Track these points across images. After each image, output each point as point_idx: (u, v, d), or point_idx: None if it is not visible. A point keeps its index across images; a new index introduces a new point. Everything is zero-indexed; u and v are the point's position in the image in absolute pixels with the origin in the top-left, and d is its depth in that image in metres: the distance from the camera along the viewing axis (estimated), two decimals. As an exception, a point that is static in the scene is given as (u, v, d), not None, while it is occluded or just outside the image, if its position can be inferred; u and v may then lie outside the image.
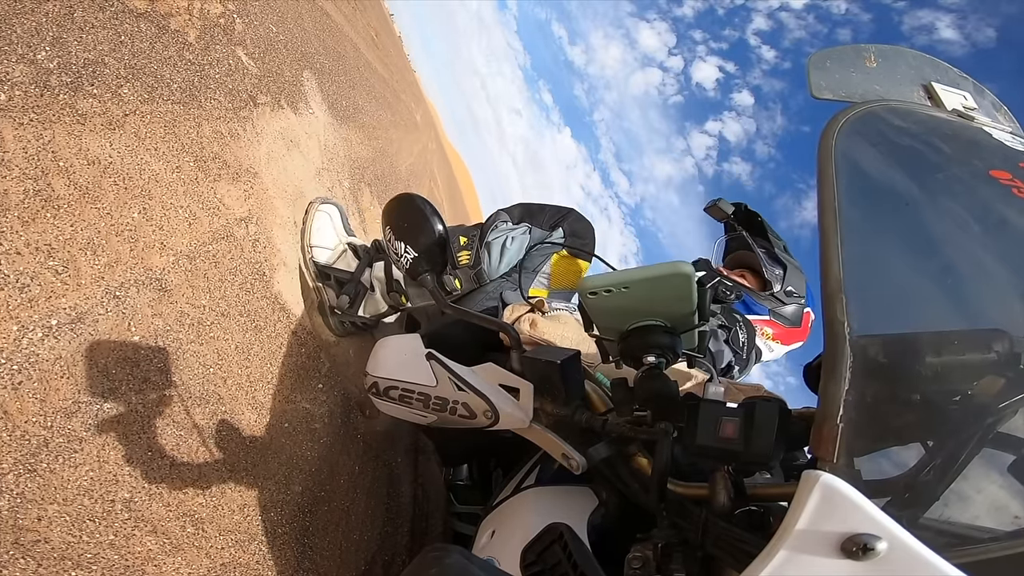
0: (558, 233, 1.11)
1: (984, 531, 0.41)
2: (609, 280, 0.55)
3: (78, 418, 0.65)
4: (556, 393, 0.63)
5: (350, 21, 1.88)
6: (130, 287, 0.75)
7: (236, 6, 1.03)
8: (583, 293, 0.57)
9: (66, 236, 0.68)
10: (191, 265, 0.86)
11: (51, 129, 0.69)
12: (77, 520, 0.63)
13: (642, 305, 0.57)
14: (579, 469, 0.62)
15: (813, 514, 0.35)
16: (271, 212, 1.07)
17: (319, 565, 0.97)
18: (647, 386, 0.57)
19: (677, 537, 0.49)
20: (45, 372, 0.62)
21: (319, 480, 1.05)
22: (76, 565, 0.62)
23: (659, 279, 0.54)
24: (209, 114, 0.94)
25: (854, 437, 0.37)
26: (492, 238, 1.10)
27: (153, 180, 0.82)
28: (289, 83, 1.18)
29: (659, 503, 0.52)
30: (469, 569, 0.45)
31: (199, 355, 0.84)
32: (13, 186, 0.64)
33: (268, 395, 0.98)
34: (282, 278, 1.07)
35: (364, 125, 1.63)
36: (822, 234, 0.43)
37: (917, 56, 0.83)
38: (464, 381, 0.65)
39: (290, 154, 1.16)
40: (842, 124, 0.52)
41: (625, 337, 0.60)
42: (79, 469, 0.64)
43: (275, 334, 1.03)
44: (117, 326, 0.72)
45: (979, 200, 0.54)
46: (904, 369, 0.43)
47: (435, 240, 0.67)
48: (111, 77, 0.77)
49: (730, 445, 0.47)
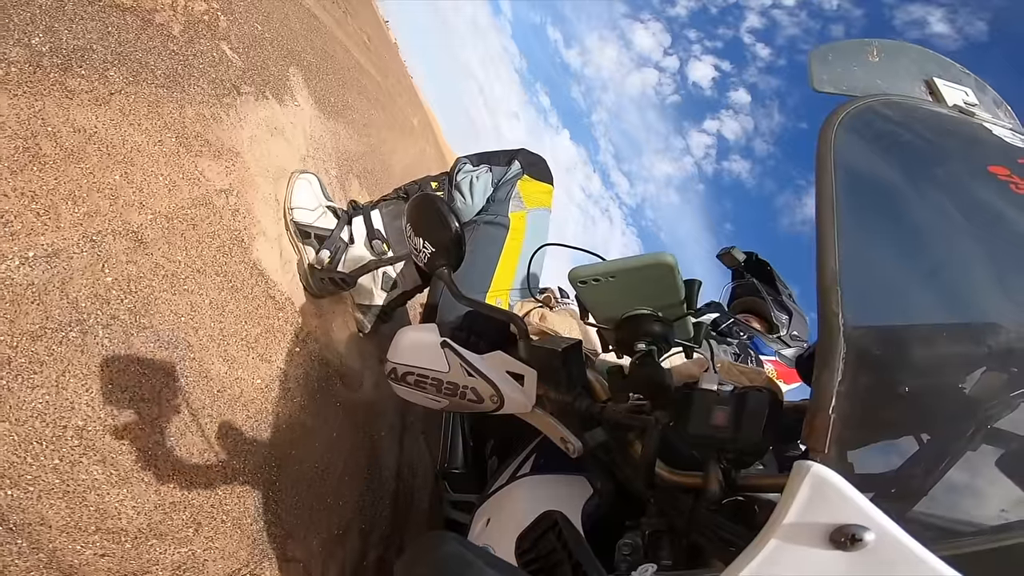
0: (515, 166, 1.25)
1: (971, 525, 0.42)
2: (597, 270, 0.59)
3: (43, 343, 0.72)
4: (559, 380, 0.66)
5: (340, 24, 2.06)
6: (107, 235, 0.84)
7: (220, 4, 1.18)
8: (574, 282, 0.60)
9: (49, 187, 0.78)
10: (169, 224, 0.95)
11: (42, 101, 0.81)
12: (25, 441, 0.66)
13: (630, 294, 0.61)
14: (575, 453, 0.65)
15: (803, 504, 0.36)
16: (252, 187, 1.16)
17: (283, 519, 0.99)
18: (639, 373, 0.60)
19: (664, 524, 0.51)
20: (17, 296, 0.70)
21: (291, 438, 1.08)
22: (14, 484, 0.64)
23: (642, 268, 0.57)
24: (192, 98, 1.06)
25: (846, 428, 0.38)
26: (460, 179, 1.23)
27: (135, 150, 0.93)
28: (274, 77, 1.31)
29: (647, 490, 0.54)
30: (465, 556, 0.46)
31: (171, 303, 0.91)
32: (5, 143, 0.75)
33: (241, 351, 1.04)
34: (261, 246, 1.15)
35: (354, 122, 1.76)
36: (819, 226, 0.44)
37: (920, 51, 0.85)
38: (474, 368, 0.69)
39: (273, 139, 1.27)
40: (842, 117, 0.54)
41: (619, 325, 0.63)
42: (36, 391, 0.69)
43: (251, 296, 1.10)
44: (91, 266, 0.80)
45: (977, 195, 0.55)
46: (897, 362, 0.44)
47: (451, 237, 0.72)
48: (98, 61, 0.89)
49: (720, 433, 0.48)
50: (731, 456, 0.50)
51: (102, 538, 0.74)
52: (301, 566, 1.00)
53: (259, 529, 0.94)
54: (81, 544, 0.72)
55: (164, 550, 0.79)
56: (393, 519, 1.29)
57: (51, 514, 0.69)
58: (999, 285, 0.49)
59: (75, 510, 0.72)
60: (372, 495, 1.26)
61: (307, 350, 1.21)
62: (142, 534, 0.78)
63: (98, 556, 0.73)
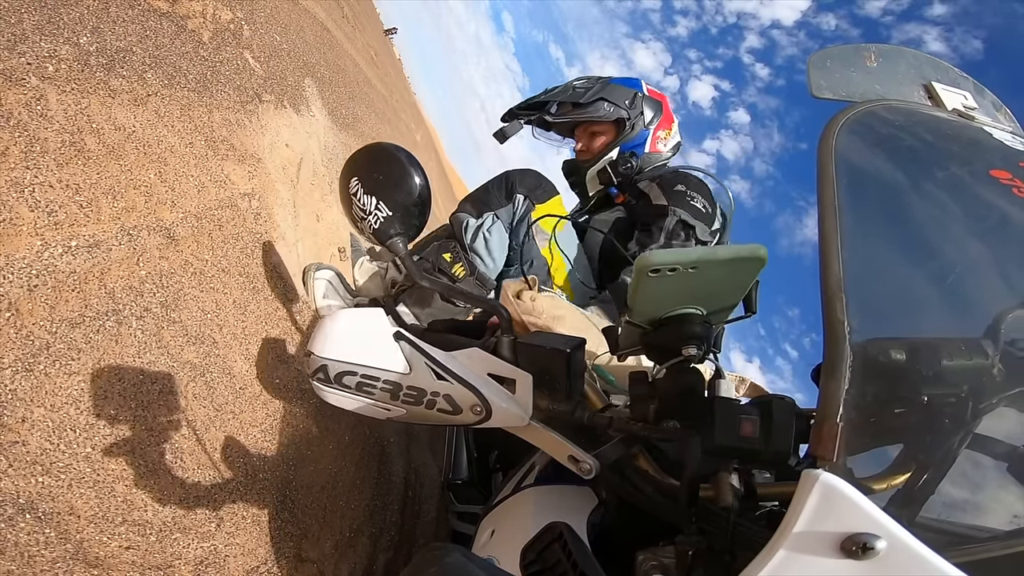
0: (519, 200, 1.14)
1: (983, 530, 0.42)
2: (677, 257, 0.48)
3: (81, 330, 0.73)
4: (556, 386, 0.57)
5: (350, 39, 2.14)
6: (142, 230, 0.85)
7: (244, 14, 1.23)
8: (643, 270, 0.49)
9: (92, 181, 0.80)
10: (198, 224, 0.97)
11: (87, 98, 0.83)
12: (59, 428, 0.67)
13: (702, 289, 0.52)
14: (591, 473, 0.57)
15: (813, 513, 0.35)
16: (272, 193, 1.19)
17: (298, 518, 0.99)
18: (678, 381, 0.53)
19: (705, 543, 0.46)
20: (59, 283, 0.72)
21: (307, 439, 1.08)
22: (46, 471, 0.64)
23: (734, 261, 0.49)
24: (219, 104, 1.09)
25: (854, 436, 0.38)
26: (472, 241, 1.12)
27: (169, 151, 0.96)
28: (292, 87, 1.36)
29: (688, 509, 0.48)
30: (469, 568, 0.45)
31: (198, 300, 0.93)
32: (53, 136, 0.77)
33: (262, 351, 1.05)
34: (280, 250, 1.18)
35: (363, 134, 1.82)
36: (822, 234, 0.43)
37: (917, 56, 0.84)
38: (446, 368, 0.57)
39: (291, 148, 1.31)
40: (842, 124, 0.53)
41: (662, 325, 0.54)
42: (72, 378, 0.70)
43: (271, 298, 1.12)
44: (127, 259, 0.82)
45: (979, 200, 0.55)
46: (904, 369, 0.43)
47: (414, 199, 0.60)
48: (138, 63, 0.93)
49: (751, 444, 0.46)
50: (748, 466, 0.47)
51: (128, 530, 0.73)
52: (315, 567, 0.99)
53: (276, 527, 0.93)
54: (108, 536, 0.71)
55: (187, 544, 0.79)
56: (402, 525, 1.29)
57: (80, 503, 0.69)
58: (1004, 289, 0.49)
59: (103, 500, 0.71)
60: (382, 500, 1.26)
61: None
62: (167, 527, 0.77)
63: (123, 548, 0.72)
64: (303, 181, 1.32)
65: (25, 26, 0.77)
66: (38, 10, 0.79)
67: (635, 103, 1.29)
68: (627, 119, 1.28)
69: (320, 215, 1.35)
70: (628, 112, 1.28)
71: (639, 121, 1.29)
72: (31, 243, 0.70)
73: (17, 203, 0.70)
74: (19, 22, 0.76)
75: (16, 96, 0.73)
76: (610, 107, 1.28)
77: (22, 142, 0.72)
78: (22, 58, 0.75)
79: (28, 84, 0.75)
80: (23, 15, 0.77)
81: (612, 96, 1.28)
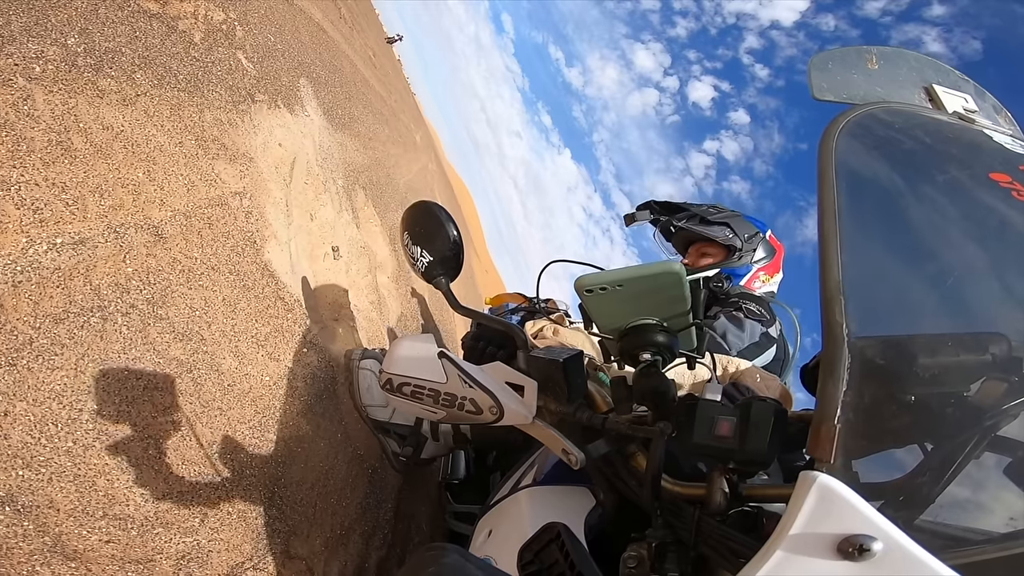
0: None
1: (979, 533, 0.42)
2: (604, 278, 0.58)
3: (64, 326, 0.74)
4: (559, 391, 0.65)
5: (347, 40, 2.16)
6: (130, 228, 0.86)
7: (237, 15, 1.24)
8: (580, 291, 0.59)
9: (78, 179, 0.81)
10: (187, 222, 0.98)
11: (75, 98, 0.85)
12: (40, 422, 0.67)
13: (636, 303, 0.60)
14: (578, 465, 0.64)
15: (810, 515, 0.35)
16: (264, 192, 1.20)
17: (287, 515, 0.99)
18: (643, 383, 0.60)
19: (671, 536, 0.50)
20: (43, 279, 0.72)
21: (297, 437, 1.08)
22: (26, 465, 0.65)
23: (651, 277, 0.57)
24: (210, 103, 1.10)
25: (852, 438, 0.38)
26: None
27: (158, 150, 0.97)
28: (286, 87, 1.37)
29: (653, 502, 0.53)
30: (467, 568, 0.46)
31: (187, 297, 0.93)
32: (39, 135, 0.78)
33: (251, 349, 1.05)
34: (272, 249, 1.18)
35: (360, 134, 1.83)
36: (822, 236, 0.44)
37: (919, 58, 0.85)
38: (472, 378, 0.68)
39: (284, 148, 1.31)
40: (843, 126, 0.53)
41: (623, 335, 0.63)
42: (55, 373, 0.70)
43: (263, 296, 1.12)
44: (114, 256, 0.82)
45: (979, 203, 0.55)
46: (902, 371, 0.44)
47: (449, 245, 0.71)
48: (127, 64, 0.94)
49: (725, 443, 0.48)
50: (735, 467, 0.49)
51: (108, 524, 0.73)
52: (303, 564, 0.99)
53: (264, 523, 0.93)
54: (87, 529, 0.71)
55: (169, 539, 0.79)
56: (395, 524, 1.28)
57: (60, 497, 0.69)
58: (1002, 292, 0.49)
59: (84, 495, 0.71)
60: (375, 498, 1.25)
61: (316, 351, 1.22)
62: (148, 522, 0.77)
63: (103, 542, 0.73)
64: (297, 180, 1.33)
65: (13, 28, 0.79)
66: (26, 12, 0.81)
67: (752, 240, 1.38)
68: (739, 248, 1.36)
69: (314, 214, 1.36)
70: (743, 243, 1.36)
71: (748, 255, 1.38)
72: (16, 240, 0.71)
73: (3, 201, 0.71)
74: (7, 24, 0.78)
75: (2, 97, 0.75)
76: (730, 233, 1.37)
77: (8, 141, 0.74)
78: (9, 59, 0.77)
79: (15, 85, 0.77)
80: (11, 17, 0.79)
81: (736, 225, 1.38)
